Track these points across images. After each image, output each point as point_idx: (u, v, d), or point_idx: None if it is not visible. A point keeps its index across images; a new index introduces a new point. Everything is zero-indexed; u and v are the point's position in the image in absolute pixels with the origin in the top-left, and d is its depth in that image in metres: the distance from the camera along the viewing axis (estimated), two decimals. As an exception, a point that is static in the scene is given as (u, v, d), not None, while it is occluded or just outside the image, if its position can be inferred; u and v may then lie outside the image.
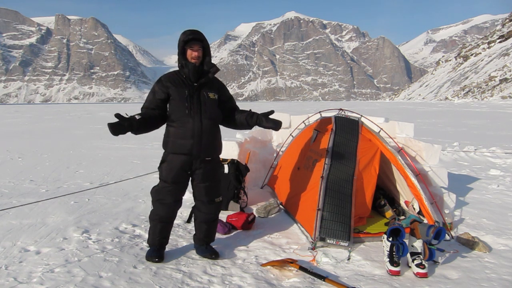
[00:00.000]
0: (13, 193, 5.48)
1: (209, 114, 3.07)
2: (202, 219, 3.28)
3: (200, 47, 3.05)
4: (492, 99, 66.90)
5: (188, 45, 3.03)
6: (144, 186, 5.91)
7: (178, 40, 3.05)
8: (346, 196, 3.59)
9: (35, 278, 2.85)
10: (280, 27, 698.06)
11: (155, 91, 3.08)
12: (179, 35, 3.08)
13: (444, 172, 4.54)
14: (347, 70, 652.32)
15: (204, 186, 3.17)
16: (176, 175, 3.09)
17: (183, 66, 3.07)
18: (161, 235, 3.23)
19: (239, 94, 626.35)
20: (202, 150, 3.06)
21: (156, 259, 3.16)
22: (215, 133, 3.14)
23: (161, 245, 3.27)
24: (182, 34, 3.04)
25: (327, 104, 76.70)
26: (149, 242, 3.29)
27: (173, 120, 3.04)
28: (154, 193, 3.20)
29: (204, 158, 3.11)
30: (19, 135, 15.00)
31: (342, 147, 3.88)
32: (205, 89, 3.10)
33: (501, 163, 8.24)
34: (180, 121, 3.01)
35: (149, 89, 3.31)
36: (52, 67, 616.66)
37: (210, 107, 3.08)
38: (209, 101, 3.09)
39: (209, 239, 3.36)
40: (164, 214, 3.18)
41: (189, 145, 3.01)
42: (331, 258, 3.25)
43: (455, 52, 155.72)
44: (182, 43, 3.03)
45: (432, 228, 3.13)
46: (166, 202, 3.14)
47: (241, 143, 5.39)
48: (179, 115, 3.01)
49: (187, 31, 3.05)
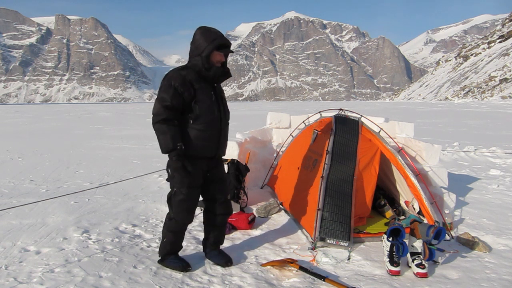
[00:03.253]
0: (13, 193, 5.48)
1: (227, 116, 3.12)
2: (219, 222, 3.16)
3: (227, 54, 3.00)
4: (492, 99, 66.90)
5: (219, 50, 2.88)
6: (144, 186, 5.92)
7: (203, 38, 2.83)
8: (346, 196, 3.59)
9: (35, 278, 2.85)
10: (280, 27, 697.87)
11: (179, 89, 2.77)
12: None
13: (444, 172, 4.54)
14: (347, 70, 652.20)
15: (218, 184, 3.11)
16: (200, 178, 2.96)
17: (207, 69, 2.85)
18: (182, 239, 3.16)
19: (239, 94, 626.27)
20: (222, 151, 3.10)
21: (189, 267, 3.03)
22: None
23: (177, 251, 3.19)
24: (212, 34, 2.84)
25: (327, 104, 76.73)
26: (168, 252, 3.08)
27: (200, 123, 2.84)
28: (180, 203, 2.91)
29: (218, 158, 3.13)
30: (19, 135, 15.00)
31: (342, 147, 3.87)
32: (220, 91, 3.10)
33: (501, 163, 8.24)
34: (207, 124, 2.87)
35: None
36: (52, 67, 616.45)
37: (227, 109, 3.13)
38: (224, 102, 3.12)
39: (221, 242, 3.28)
40: (190, 220, 3.04)
41: (216, 148, 2.99)
42: (331, 258, 3.25)
43: (455, 52, 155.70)
44: (212, 46, 2.81)
45: (432, 228, 3.13)
46: (193, 208, 3.01)
47: (241, 143, 5.39)
48: (209, 118, 2.87)
49: (218, 33, 2.88)
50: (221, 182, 3.15)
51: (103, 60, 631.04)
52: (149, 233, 3.85)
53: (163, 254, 3.10)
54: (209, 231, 3.21)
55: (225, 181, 3.23)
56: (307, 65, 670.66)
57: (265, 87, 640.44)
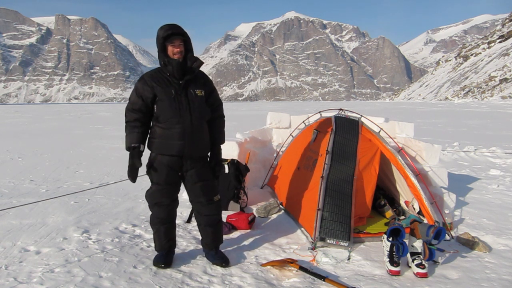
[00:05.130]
0: (13, 193, 5.48)
1: (199, 113, 2.95)
2: (206, 223, 3.13)
3: (181, 42, 2.88)
4: (492, 99, 66.88)
5: (169, 41, 2.86)
6: (144, 186, 5.87)
7: (157, 36, 2.87)
8: (346, 196, 3.59)
9: (35, 278, 2.85)
10: (280, 27, 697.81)
11: (139, 91, 2.93)
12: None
13: (444, 172, 4.54)
14: (347, 70, 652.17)
15: (200, 186, 3.04)
16: (168, 175, 2.97)
17: (166, 64, 2.89)
18: (167, 237, 3.13)
19: (239, 94, 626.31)
20: (194, 150, 2.97)
21: (162, 264, 3.06)
22: (205, 131, 3.05)
23: (170, 249, 3.17)
24: (160, 30, 2.86)
25: (327, 104, 76.68)
26: (156, 249, 3.17)
27: (161, 121, 2.91)
28: (149, 197, 3.07)
29: (196, 158, 3.02)
30: (19, 135, 15.00)
31: (342, 147, 3.87)
32: (192, 86, 2.96)
33: (501, 163, 8.24)
34: (169, 123, 2.88)
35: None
36: (52, 67, 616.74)
37: (198, 106, 2.96)
38: (197, 99, 2.96)
39: (217, 242, 3.21)
40: (164, 216, 3.08)
41: (178, 146, 2.89)
42: (331, 258, 3.25)
43: (455, 52, 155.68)
44: (161, 40, 2.85)
45: (432, 228, 3.13)
46: (164, 203, 3.04)
47: (241, 143, 5.39)
48: (168, 116, 2.88)
49: (165, 26, 2.86)
50: (206, 183, 3.07)
51: (103, 60, 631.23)
52: (149, 233, 3.85)
53: (155, 249, 3.22)
54: (202, 231, 3.21)
55: (211, 182, 3.11)
56: (307, 65, 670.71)
57: (265, 87, 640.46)
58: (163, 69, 2.97)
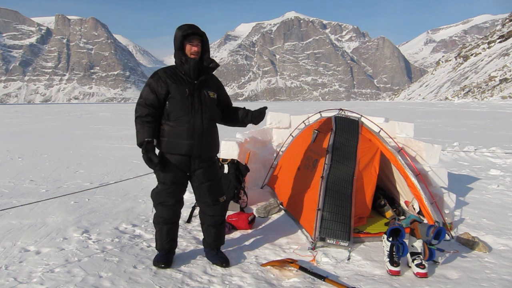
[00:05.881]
0: (13, 193, 5.48)
1: (210, 114, 2.99)
2: (210, 223, 3.15)
3: (199, 42, 2.94)
4: (492, 99, 66.91)
5: (188, 40, 2.91)
6: (144, 186, 5.92)
7: (175, 35, 2.93)
8: (346, 196, 3.59)
9: (35, 278, 2.85)
10: (280, 27, 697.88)
11: (153, 87, 2.93)
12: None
13: (444, 172, 4.54)
14: (347, 70, 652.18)
15: (206, 186, 3.07)
16: (175, 175, 2.98)
17: (183, 62, 2.93)
18: (169, 237, 3.13)
19: (239, 94, 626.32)
20: (203, 150, 2.99)
21: (162, 264, 3.05)
22: (214, 132, 3.09)
23: (170, 249, 3.17)
24: (179, 29, 2.91)
25: (327, 104, 76.69)
26: (157, 248, 3.18)
27: (171, 119, 2.93)
28: (155, 196, 3.08)
29: (204, 158, 3.04)
30: (19, 135, 14.99)
31: (342, 147, 3.87)
32: (206, 88, 3.01)
33: (501, 163, 8.24)
34: (179, 121, 2.90)
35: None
36: (52, 67, 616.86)
37: (210, 107, 3.00)
38: (209, 100, 3.00)
39: (219, 243, 3.23)
40: (168, 216, 3.09)
41: (187, 145, 2.91)
42: (331, 258, 3.25)
43: (455, 52, 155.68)
44: (180, 38, 2.89)
45: (432, 228, 3.13)
46: (169, 203, 3.05)
47: (241, 143, 5.39)
48: (180, 114, 2.90)
49: (185, 25, 2.92)
50: (212, 183, 3.09)
51: (103, 60, 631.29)
52: (149, 233, 3.85)
53: (156, 248, 3.21)
54: (205, 231, 3.22)
55: (217, 183, 3.15)
56: (307, 65, 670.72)
57: (265, 87, 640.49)
58: (178, 68, 2.99)
